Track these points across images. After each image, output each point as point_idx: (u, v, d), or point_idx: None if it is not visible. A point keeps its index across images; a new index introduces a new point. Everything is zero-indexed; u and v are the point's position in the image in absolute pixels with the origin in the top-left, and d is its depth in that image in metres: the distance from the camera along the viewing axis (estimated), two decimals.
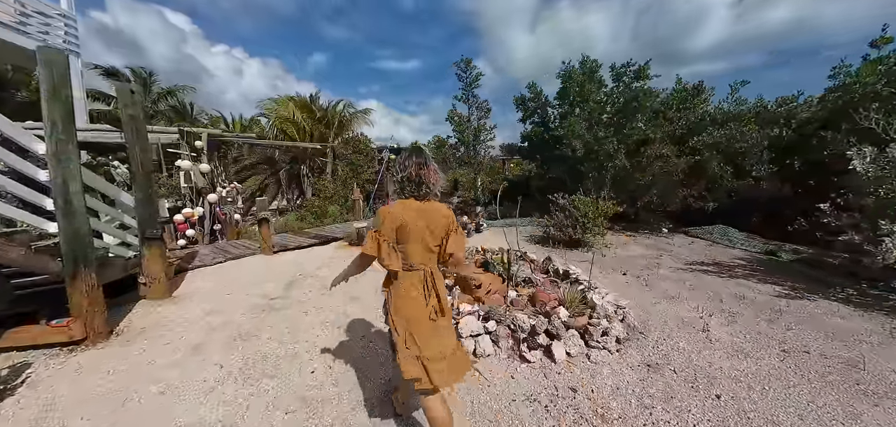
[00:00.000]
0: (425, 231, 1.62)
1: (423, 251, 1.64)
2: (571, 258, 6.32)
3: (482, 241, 7.40)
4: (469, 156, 18.82)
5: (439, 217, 1.66)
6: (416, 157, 1.76)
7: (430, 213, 1.65)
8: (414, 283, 1.64)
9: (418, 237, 1.61)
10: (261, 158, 12.68)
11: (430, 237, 1.64)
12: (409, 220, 1.59)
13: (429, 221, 1.63)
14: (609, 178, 8.48)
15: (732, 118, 8.24)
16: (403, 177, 1.76)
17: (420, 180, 1.74)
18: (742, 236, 7.60)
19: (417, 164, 1.74)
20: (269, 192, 12.64)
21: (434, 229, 1.64)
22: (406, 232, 1.59)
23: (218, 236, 7.60)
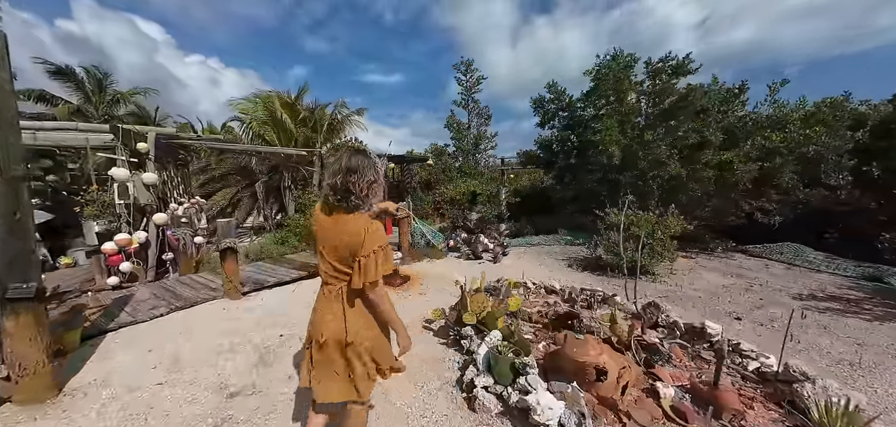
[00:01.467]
0: (326, 246, 1.44)
1: (325, 269, 1.48)
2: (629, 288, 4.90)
3: (514, 270, 5.88)
4: (469, 165, 17.46)
5: (343, 234, 1.39)
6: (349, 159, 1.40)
7: (336, 225, 1.41)
8: (321, 295, 1.53)
9: (321, 248, 1.47)
10: (233, 168, 10.81)
11: (331, 254, 1.43)
12: (317, 227, 1.49)
13: (331, 235, 1.42)
14: (656, 189, 7.20)
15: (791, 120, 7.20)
16: (329, 184, 1.42)
17: (346, 187, 1.37)
18: (821, 256, 6.44)
19: (346, 169, 1.38)
20: (242, 208, 10.75)
21: (336, 247, 1.41)
22: (317, 237, 1.50)
23: (169, 269, 5.76)
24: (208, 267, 6.20)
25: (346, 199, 1.38)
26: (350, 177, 1.37)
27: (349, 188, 1.37)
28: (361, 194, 1.39)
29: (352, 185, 1.37)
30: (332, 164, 1.44)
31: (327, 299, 1.47)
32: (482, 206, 7.76)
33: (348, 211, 1.40)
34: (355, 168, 1.38)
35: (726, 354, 2.53)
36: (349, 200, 1.38)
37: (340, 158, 1.42)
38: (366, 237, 1.36)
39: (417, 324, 3.72)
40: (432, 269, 6.26)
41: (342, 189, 1.37)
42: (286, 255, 7.18)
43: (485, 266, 6.45)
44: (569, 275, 5.86)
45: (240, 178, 10.91)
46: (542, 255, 7.48)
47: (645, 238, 5.33)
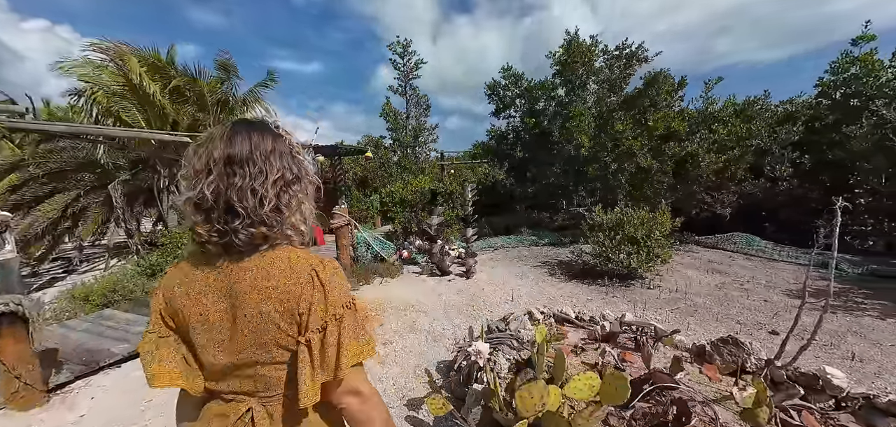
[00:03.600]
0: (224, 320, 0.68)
1: (224, 363, 0.69)
2: (628, 298, 4.23)
3: (495, 287, 4.79)
4: (408, 159, 15.98)
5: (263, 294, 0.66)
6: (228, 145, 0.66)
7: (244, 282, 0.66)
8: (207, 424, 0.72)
9: (208, 330, 0.69)
10: (71, 163, 7.48)
11: (235, 348, 0.68)
12: (177, 301, 0.70)
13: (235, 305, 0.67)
14: (624, 182, 6.85)
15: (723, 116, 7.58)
16: (191, 200, 0.66)
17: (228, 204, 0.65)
18: (769, 245, 6.79)
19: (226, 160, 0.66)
20: (89, 220, 7.52)
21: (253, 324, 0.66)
22: (184, 316, 0.70)
23: None
24: None
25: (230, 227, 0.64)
26: (234, 179, 0.65)
27: (232, 205, 0.64)
28: (265, 210, 0.66)
29: (239, 195, 0.65)
30: (196, 160, 0.67)
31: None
32: (443, 207, 6.49)
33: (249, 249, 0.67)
34: (246, 158, 0.66)
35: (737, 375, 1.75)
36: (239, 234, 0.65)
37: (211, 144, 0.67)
38: (316, 289, 0.66)
39: (396, 412, 2.29)
40: (389, 293, 4.78)
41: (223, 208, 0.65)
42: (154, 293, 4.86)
43: (456, 283, 5.20)
44: (558, 287, 4.97)
45: (86, 177, 7.62)
46: (513, 262, 6.55)
47: (642, 238, 4.70)
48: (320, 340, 0.66)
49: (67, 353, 3.14)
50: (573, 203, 9.35)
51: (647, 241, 4.69)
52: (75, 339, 3.41)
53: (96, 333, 3.59)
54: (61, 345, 3.32)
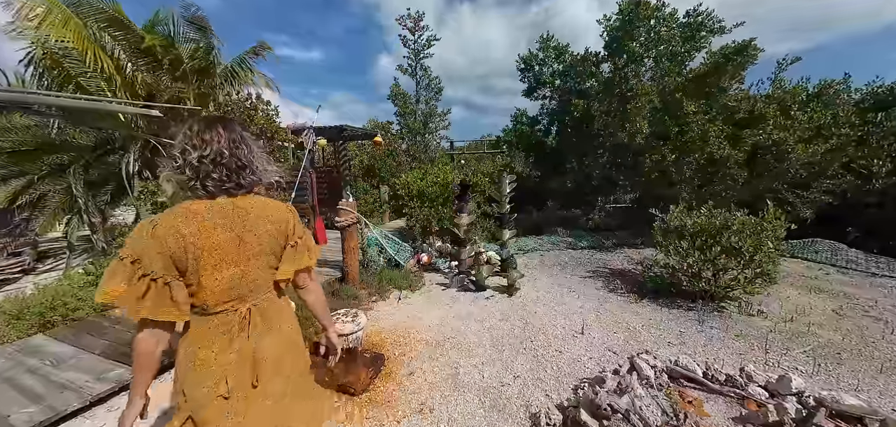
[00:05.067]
0: (234, 246, 1.03)
1: (230, 285, 1.04)
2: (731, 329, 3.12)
3: (549, 311, 3.71)
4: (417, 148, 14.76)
5: (265, 221, 1.09)
6: (224, 129, 1.06)
7: (246, 212, 1.06)
8: (205, 338, 1.04)
9: (215, 262, 1.01)
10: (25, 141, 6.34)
11: (244, 256, 1.05)
12: (194, 234, 0.98)
13: (241, 230, 1.04)
14: (691, 175, 5.72)
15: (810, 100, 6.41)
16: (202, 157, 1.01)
17: (240, 163, 1.06)
18: (861, 256, 5.69)
19: (230, 140, 1.05)
20: (48, 210, 6.40)
21: (253, 242, 1.06)
22: (194, 254, 0.98)
23: None
24: None
25: (237, 177, 1.06)
26: (239, 149, 1.07)
27: (241, 163, 1.07)
28: (257, 170, 1.11)
29: (244, 159, 1.08)
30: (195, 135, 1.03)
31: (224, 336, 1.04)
32: (473, 203, 5.37)
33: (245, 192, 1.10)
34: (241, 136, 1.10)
35: None
36: (242, 178, 1.07)
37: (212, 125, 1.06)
38: (292, 216, 1.17)
39: None
40: (414, 316, 3.71)
41: (236, 166, 1.06)
42: (114, 307, 3.77)
43: (496, 302, 4.11)
44: (631, 311, 3.88)
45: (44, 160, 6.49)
46: (556, 271, 5.46)
47: (748, 250, 3.59)
48: (297, 244, 1.16)
49: None
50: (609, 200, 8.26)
51: (756, 253, 3.58)
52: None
53: (6, 381, 2.50)
54: None
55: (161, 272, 0.95)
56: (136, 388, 1.02)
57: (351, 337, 2.51)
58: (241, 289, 1.05)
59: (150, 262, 0.94)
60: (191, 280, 1.00)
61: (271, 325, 1.12)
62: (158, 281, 0.95)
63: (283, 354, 1.14)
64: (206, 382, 1.02)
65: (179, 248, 0.96)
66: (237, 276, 1.04)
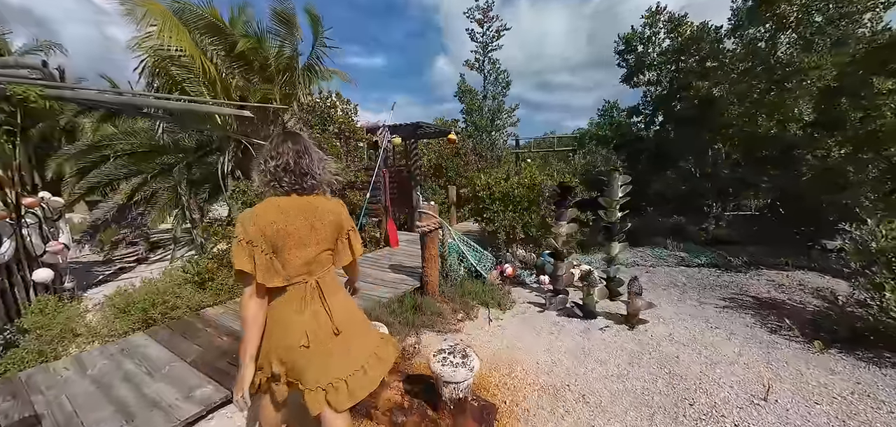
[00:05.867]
0: (305, 233, 1.34)
1: (302, 261, 1.34)
2: None
3: (690, 354, 2.74)
4: (483, 146, 14.13)
5: (326, 214, 1.40)
6: (292, 143, 1.38)
7: (313, 208, 1.38)
8: (285, 302, 1.35)
9: (292, 243, 1.32)
10: (144, 144, 7.07)
11: (312, 240, 1.36)
12: (278, 221, 1.30)
13: (310, 219, 1.36)
14: (880, 177, 4.21)
15: None
16: (277, 166, 1.35)
17: (302, 170, 1.36)
18: None
19: (296, 152, 1.36)
20: (158, 206, 7.08)
21: (318, 230, 1.37)
22: (278, 236, 1.29)
23: None
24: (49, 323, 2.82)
25: (302, 181, 1.36)
26: (302, 159, 1.36)
27: (304, 169, 1.36)
28: (317, 174, 1.40)
29: (306, 167, 1.36)
30: (273, 148, 1.38)
31: (299, 301, 1.35)
32: (572, 208, 4.56)
33: (308, 192, 1.39)
34: (303, 150, 1.37)
35: None
36: (304, 182, 1.37)
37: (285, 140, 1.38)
38: (344, 213, 1.46)
39: None
40: (515, 350, 3.07)
41: (301, 172, 1.36)
42: (206, 306, 3.74)
43: (614, 335, 3.28)
44: (821, 368, 2.77)
45: (156, 160, 7.18)
46: (676, 294, 4.41)
47: None
48: (349, 237, 1.47)
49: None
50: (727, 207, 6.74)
51: None
52: (76, 393, 2.27)
53: (104, 387, 2.43)
54: (54, 405, 2.20)
55: (267, 250, 1.25)
56: (247, 351, 1.30)
57: (462, 385, 1.95)
58: (312, 265, 1.36)
59: (259, 243, 1.24)
60: (279, 257, 1.29)
61: (331, 292, 1.42)
62: (266, 256, 1.25)
63: (347, 310, 1.46)
64: (291, 337, 1.31)
65: (273, 232, 1.26)
66: (310, 255, 1.34)
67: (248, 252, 1.23)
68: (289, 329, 1.32)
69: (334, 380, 1.31)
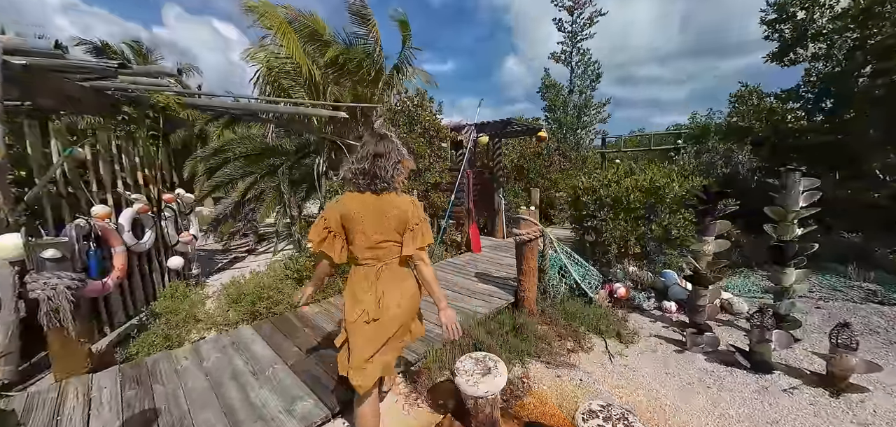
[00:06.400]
0: (369, 225, 1.62)
1: (367, 247, 1.65)
2: None
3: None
4: (567, 146, 12.94)
5: (392, 210, 1.62)
6: (374, 149, 1.64)
7: (380, 205, 1.63)
8: (358, 278, 1.68)
9: (359, 230, 1.63)
10: (257, 147, 7.88)
11: (376, 231, 1.63)
12: (352, 210, 1.62)
13: (377, 214, 1.62)
14: None
15: None
16: (357, 169, 1.65)
17: (374, 172, 1.62)
18: None
19: (375, 157, 1.63)
20: (265, 205, 7.81)
21: (382, 224, 1.62)
22: (350, 222, 1.63)
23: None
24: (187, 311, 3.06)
25: (374, 183, 1.61)
26: (378, 161, 1.61)
27: (376, 172, 1.61)
28: (388, 176, 1.62)
29: (379, 169, 1.61)
30: (360, 151, 1.67)
31: (367, 279, 1.65)
32: (723, 220, 3.55)
33: (379, 192, 1.63)
34: (383, 152, 1.62)
35: None
36: (376, 184, 1.61)
37: (366, 143, 1.66)
38: (413, 209, 1.65)
39: None
40: (658, 408, 2.34)
41: (371, 174, 1.61)
42: (330, 296, 3.75)
43: (815, 406, 2.31)
44: None
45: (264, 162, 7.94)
46: (882, 349, 3.09)
47: None
48: (415, 229, 1.63)
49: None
50: None
51: None
52: (191, 387, 2.28)
53: (215, 384, 2.42)
54: (171, 398, 2.22)
55: (334, 229, 1.66)
56: (313, 283, 1.94)
57: None
58: (378, 251, 1.65)
59: (331, 223, 1.66)
60: (350, 238, 1.67)
61: (396, 279, 1.68)
62: (332, 233, 1.66)
63: (404, 299, 1.69)
64: (357, 309, 1.65)
65: (345, 218, 1.64)
66: (373, 243, 1.63)
67: (322, 226, 1.66)
68: (357, 301, 1.65)
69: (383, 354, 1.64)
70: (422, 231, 1.64)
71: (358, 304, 1.63)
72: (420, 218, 1.65)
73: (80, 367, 2.55)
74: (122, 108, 4.09)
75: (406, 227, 1.62)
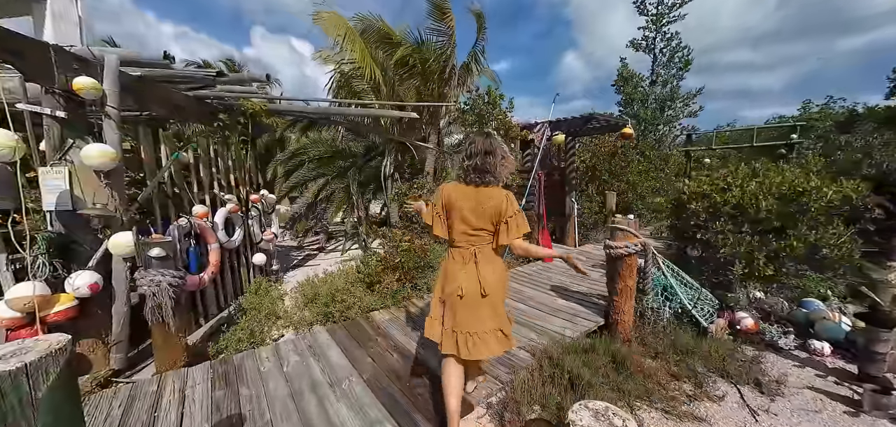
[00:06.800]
0: (468, 213, 1.84)
1: (463, 232, 1.87)
2: None
3: None
4: (646, 143, 11.55)
5: (488, 201, 1.81)
6: (484, 146, 1.85)
7: (479, 196, 1.83)
8: (454, 258, 1.92)
9: (459, 217, 1.87)
10: (329, 150, 8.24)
11: (473, 219, 1.84)
12: (454, 199, 1.88)
13: (474, 204, 1.83)
14: None
15: None
16: (469, 165, 1.86)
17: (484, 168, 1.84)
18: None
19: (484, 152, 1.84)
20: (334, 205, 8.12)
21: (479, 213, 1.83)
22: (452, 208, 1.88)
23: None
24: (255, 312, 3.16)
25: (484, 177, 1.84)
26: (487, 158, 1.84)
27: (487, 168, 1.84)
28: (495, 171, 1.86)
29: (489, 166, 1.84)
30: (469, 148, 1.89)
31: (461, 261, 1.88)
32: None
33: (482, 185, 1.85)
34: (491, 150, 1.85)
35: None
36: (484, 177, 1.84)
37: (476, 142, 1.87)
38: (507, 203, 1.82)
39: None
40: None
41: (481, 169, 1.83)
42: (374, 309, 3.62)
43: None
44: None
45: (335, 164, 8.27)
46: None
47: None
48: (508, 222, 1.82)
49: None
50: None
51: None
52: (274, 395, 2.22)
53: (296, 394, 2.33)
54: (255, 403, 2.17)
55: (441, 213, 1.94)
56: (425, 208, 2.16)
57: None
58: (472, 238, 1.86)
59: (437, 204, 1.95)
60: (450, 222, 1.92)
61: (487, 262, 1.86)
62: (439, 217, 1.94)
63: (494, 283, 1.85)
64: (453, 284, 1.86)
65: (448, 203, 1.90)
66: (469, 230, 1.85)
67: (433, 211, 1.97)
68: (452, 279, 1.88)
69: (470, 331, 1.83)
70: (516, 223, 1.83)
71: (452, 280, 1.86)
72: (514, 211, 1.83)
73: (177, 360, 2.66)
74: (219, 115, 4.41)
75: (500, 219, 1.81)
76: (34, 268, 2.35)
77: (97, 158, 2.48)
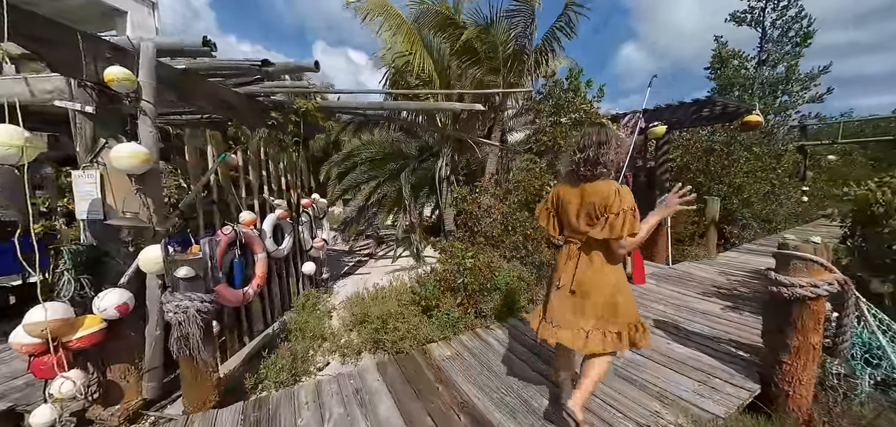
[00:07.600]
0: (572, 213, 1.82)
1: (571, 230, 1.88)
2: None
3: None
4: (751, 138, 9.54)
5: (593, 196, 1.73)
6: (597, 136, 1.76)
7: (584, 194, 1.77)
8: (563, 252, 1.94)
9: (565, 217, 1.88)
10: (379, 151, 7.89)
11: (582, 215, 1.79)
12: (562, 198, 1.89)
13: (582, 200, 1.78)
14: None
15: None
16: (581, 158, 1.77)
17: (597, 160, 1.73)
18: None
19: (599, 144, 1.74)
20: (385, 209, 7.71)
21: (583, 212, 1.78)
22: (562, 207, 1.90)
23: None
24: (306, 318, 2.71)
25: (595, 169, 1.74)
26: (601, 149, 1.73)
27: (599, 159, 1.73)
28: (609, 162, 1.74)
29: (602, 157, 1.72)
30: (581, 140, 1.81)
31: (567, 256, 1.89)
32: None
33: (592, 179, 1.76)
34: (605, 140, 1.74)
35: None
36: (597, 170, 1.74)
37: (589, 134, 1.78)
38: (615, 197, 1.67)
39: None
40: None
41: (593, 161, 1.73)
42: (431, 341, 2.95)
43: None
44: None
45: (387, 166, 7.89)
46: None
47: None
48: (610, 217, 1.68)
49: None
50: None
51: None
52: None
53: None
54: None
55: (552, 211, 1.99)
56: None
57: None
58: (579, 233, 1.82)
59: (549, 204, 2.01)
60: (561, 220, 1.95)
61: (592, 262, 1.79)
62: (550, 211, 2.00)
63: (595, 281, 1.78)
64: (556, 275, 1.94)
65: (558, 201, 1.94)
66: (575, 225, 1.82)
67: (543, 207, 2.05)
68: (556, 270, 1.96)
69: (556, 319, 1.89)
70: (621, 221, 1.64)
71: (556, 271, 1.95)
72: (621, 209, 1.65)
73: (207, 399, 2.23)
74: (271, 114, 4.10)
75: (606, 211, 1.69)
76: (59, 286, 2.05)
77: (127, 159, 2.13)
